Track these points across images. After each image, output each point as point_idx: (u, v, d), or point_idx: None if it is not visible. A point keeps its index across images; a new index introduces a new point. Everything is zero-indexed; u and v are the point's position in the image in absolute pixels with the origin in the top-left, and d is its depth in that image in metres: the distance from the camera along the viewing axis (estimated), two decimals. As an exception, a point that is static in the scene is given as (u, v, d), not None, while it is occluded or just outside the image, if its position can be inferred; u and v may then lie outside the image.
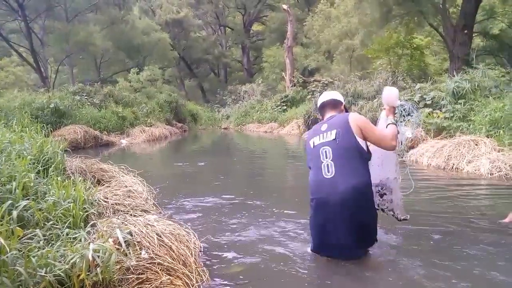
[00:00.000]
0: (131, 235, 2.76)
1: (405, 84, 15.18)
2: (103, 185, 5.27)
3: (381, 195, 3.47)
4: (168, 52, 33.43)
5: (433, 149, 8.08)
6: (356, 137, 2.97)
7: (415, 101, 11.28)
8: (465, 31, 14.90)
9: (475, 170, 6.77)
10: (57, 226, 2.97)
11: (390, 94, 3.36)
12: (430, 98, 10.86)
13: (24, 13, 21.80)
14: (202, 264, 3.04)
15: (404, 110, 3.48)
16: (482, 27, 17.39)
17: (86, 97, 16.10)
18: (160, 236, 2.86)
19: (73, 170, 5.28)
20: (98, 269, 2.43)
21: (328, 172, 2.95)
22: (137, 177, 5.36)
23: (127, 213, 4.29)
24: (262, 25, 47.91)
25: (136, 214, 4.39)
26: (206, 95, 45.22)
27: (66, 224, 3.11)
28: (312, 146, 3.14)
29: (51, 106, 12.92)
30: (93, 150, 12.55)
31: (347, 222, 2.91)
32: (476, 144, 7.38)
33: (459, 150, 7.45)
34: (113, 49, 26.54)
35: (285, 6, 28.66)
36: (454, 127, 9.04)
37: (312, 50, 31.60)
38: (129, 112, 16.92)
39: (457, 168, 7.13)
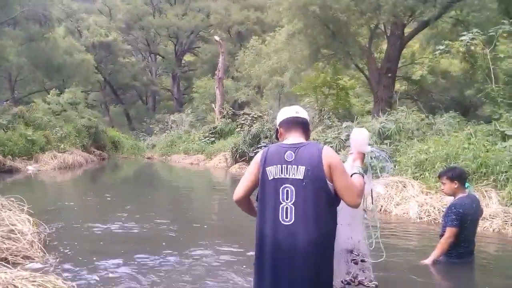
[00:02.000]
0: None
1: (331, 123, 15.40)
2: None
3: (357, 263, 2.71)
4: (92, 75, 31.80)
5: (360, 190, 7.88)
6: (326, 179, 2.36)
7: (341, 139, 11.34)
8: (389, 75, 15.53)
9: (404, 213, 6.59)
10: None
11: (359, 137, 2.69)
12: (356, 137, 10.90)
13: None
14: None
15: (374, 158, 2.84)
16: (404, 72, 18.38)
17: (-9, 117, 14.41)
18: (25, 305, 2.10)
19: None
20: None
21: (287, 217, 2.33)
22: (25, 213, 4.43)
23: (3, 260, 3.44)
24: (194, 56, 47.66)
25: (15, 261, 3.55)
26: (132, 122, 43.55)
27: None
28: (269, 177, 2.42)
29: None
30: (-8, 176, 11.07)
31: (304, 280, 2.31)
32: (404, 186, 7.27)
33: (387, 191, 7.29)
34: (29, 67, 24.52)
35: (217, 38, 28.71)
36: (380, 167, 8.99)
37: (242, 84, 31.69)
38: (40, 136, 15.36)
39: (386, 211, 6.93)
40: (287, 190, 2.35)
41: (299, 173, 2.35)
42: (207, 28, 41.97)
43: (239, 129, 21.49)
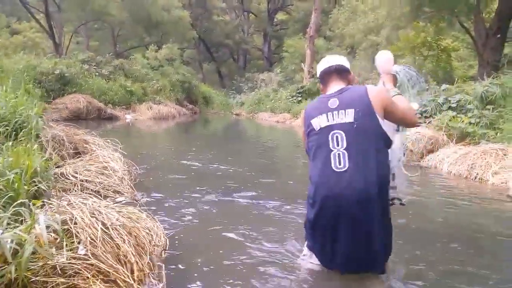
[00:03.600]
0: (67, 223, 2.14)
1: (427, 86, 14.39)
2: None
3: None
4: (188, 32, 32.71)
5: (455, 156, 7.29)
6: (379, 118, 2.27)
7: (438, 103, 10.56)
8: (498, 35, 13.96)
9: (502, 183, 6.01)
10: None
11: (382, 58, 2.72)
12: (455, 101, 10.07)
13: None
14: (161, 268, 2.41)
15: (406, 79, 2.83)
16: (516, 33, 16.40)
17: (95, 67, 15.56)
18: (107, 229, 2.23)
19: (49, 138, 4.69)
20: (12, 266, 1.82)
21: (340, 164, 2.23)
22: (118, 152, 4.73)
23: (96, 193, 3.72)
24: (287, 14, 46.91)
25: (106, 194, 3.82)
26: (223, 80, 44.65)
27: (3, 201, 2.50)
28: (316, 127, 2.35)
29: (56, 72, 12.39)
30: (95, 122, 12.05)
31: (363, 228, 2.22)
32: (505, 155, 6.60)
33: (485, 159, 6.67)
34: (130, 22, 25.85)
35: (311, -6, 27.79)
36: (479, 133, 8.27)
37: (334, 43, 30.68)
38: (138, 87, 16.35)
39: (481, 179, 6.36)
40: (337, 136, 2.28)
41: (348, 116, 2.28)
42: (302, -15, 40.86)
43: (328, 89, 20.98)
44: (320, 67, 2.60)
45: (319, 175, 2.30)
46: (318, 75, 2.64)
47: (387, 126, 2.35)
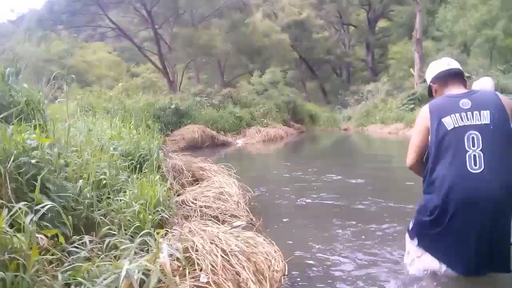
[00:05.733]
0: (189, 251, 2.17)
1: None
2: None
3: None
4: (289, 54, 33.29)
5: None
6: (510, 122, 2.31)
7: None
8: None
9: None
10: (113, 232, 2.50)
11: (483, 84, 2.86)
12: None
13: (153, 20, 23.47)
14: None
15: None
16: None
17: (206, 98, 16.51)
18: (227, 255, 2.22)
19: (169, 168, 4.99)
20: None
21: (475, 165, 2.21)
22: (232, 177, 4.84)
23: (214, 218, 3.80)
24: (388, 21, 45.22)
25: (224, 219, 3.89)
26: (328, 96, 44.28)
27: (130, 231, 2.65)
28: (449, 126, 2.30)
29: (172, 107, 13.36)
30: (209, 149, 12.62)
31: (501, 228, 2.24)
32: None
33: None
34: (234, 52, 27.17)
35: (413, -4, 26.48)
36: None
37: (445, 43, 28.68)
38: (246, 113, 16.94)
39: None
40: (473, 137, 2.25)
41: (484, 117, 2.27)
42: (401, -11, 39.18)
43: (442, 93, 19.54)
44: (439, 67, 2.65)
45: (452, 176, 2.26)
46: (434, 76, 2.65)
47: None
